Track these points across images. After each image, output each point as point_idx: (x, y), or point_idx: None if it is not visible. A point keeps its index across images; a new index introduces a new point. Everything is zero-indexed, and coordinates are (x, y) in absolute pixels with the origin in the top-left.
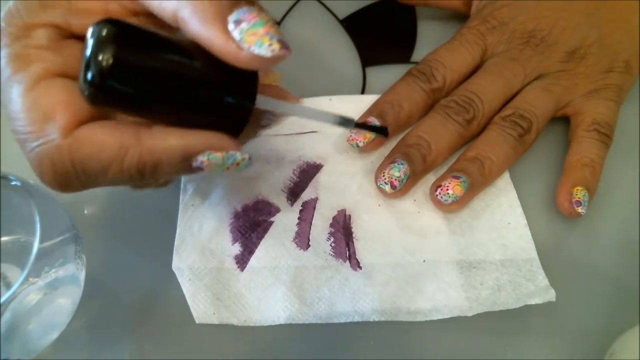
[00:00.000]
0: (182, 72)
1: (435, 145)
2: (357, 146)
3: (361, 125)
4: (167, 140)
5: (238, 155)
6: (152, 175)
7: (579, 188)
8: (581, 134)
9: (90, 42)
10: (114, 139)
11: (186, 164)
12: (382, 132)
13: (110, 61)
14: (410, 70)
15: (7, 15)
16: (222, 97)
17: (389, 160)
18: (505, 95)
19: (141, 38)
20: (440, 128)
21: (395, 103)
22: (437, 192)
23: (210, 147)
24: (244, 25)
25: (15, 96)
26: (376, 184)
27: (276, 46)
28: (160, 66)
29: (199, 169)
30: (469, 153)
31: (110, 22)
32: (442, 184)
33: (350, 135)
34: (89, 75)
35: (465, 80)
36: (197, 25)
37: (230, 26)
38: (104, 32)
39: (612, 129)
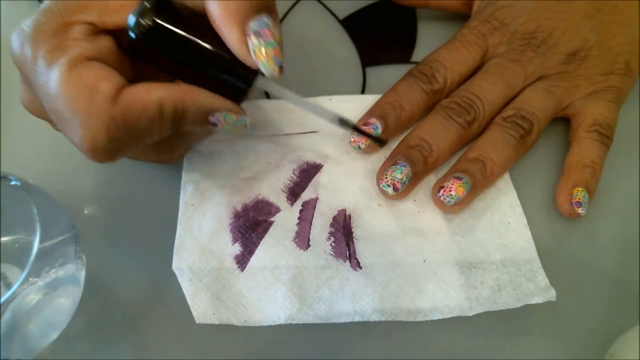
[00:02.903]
0: (203, 40)
1: (436, 146)
2: (359, 148)
3: (360, 130)
4: (196, 95)
5: (247, 119)
6: (180, 123)
7: (579, 189)
8: (582, 134)
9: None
10: (152, 94)
11: (205, 118)
12: (379, 142)
13: (151, 18)
14: (410, 71)
15: (47, 14)
16: (230, 68)
17: (391, 161)
18: (506, 96)
19: (178, 10)
20: (441, 129)
21: (397, 104)
22: (440, 194)
23: (228, 110)
24: (259, 40)
25: (57, 78)
26: (378, 186)
27: (276, 71)
28: (186, 31)
29: (214, 124)
30: (471, 154)
31: None
32: (445, 185)
33: (353, 137)
34: (139, 21)
35: (465, 80)
36: (219, 21)
37: (248, 33)
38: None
39: (613, 131)
